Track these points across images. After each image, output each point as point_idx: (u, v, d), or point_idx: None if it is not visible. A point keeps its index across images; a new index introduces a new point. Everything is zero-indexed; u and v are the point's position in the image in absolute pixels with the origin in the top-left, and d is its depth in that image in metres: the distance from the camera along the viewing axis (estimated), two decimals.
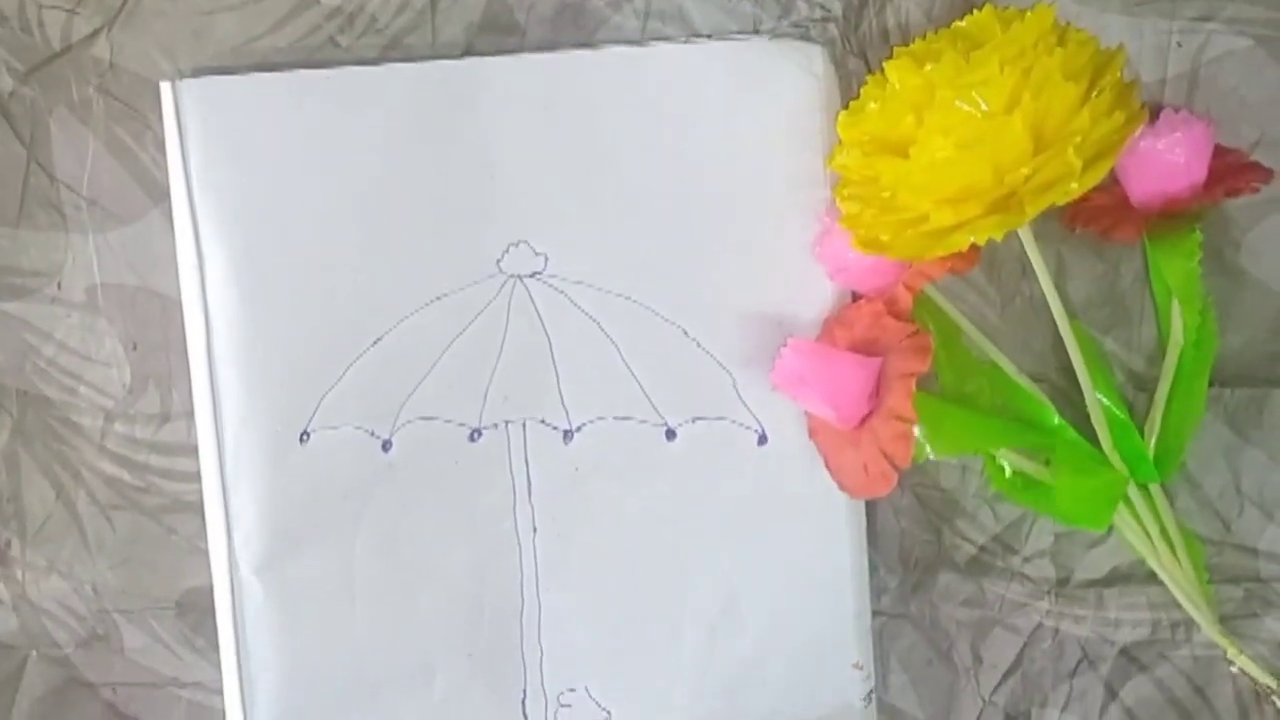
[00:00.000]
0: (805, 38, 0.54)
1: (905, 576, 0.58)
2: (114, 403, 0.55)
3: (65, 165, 0.54)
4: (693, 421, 0.54)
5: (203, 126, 0.52)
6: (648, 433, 0.54)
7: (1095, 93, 0.45)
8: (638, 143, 0.53)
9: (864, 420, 0.50)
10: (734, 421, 0.54)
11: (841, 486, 0.53)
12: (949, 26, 0.50)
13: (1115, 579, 0.58)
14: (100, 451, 0.56)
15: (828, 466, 0.54)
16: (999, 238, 0.44)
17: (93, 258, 0.55)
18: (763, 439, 0.54)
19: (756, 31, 0.54)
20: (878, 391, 0.50)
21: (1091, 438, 0.52)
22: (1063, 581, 0.58)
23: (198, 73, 0.53)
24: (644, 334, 0.54)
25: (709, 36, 0.54)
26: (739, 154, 0.53)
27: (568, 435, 0.54)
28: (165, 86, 0.52)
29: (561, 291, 0.53)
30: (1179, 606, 0.55)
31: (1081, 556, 0.58)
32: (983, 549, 0.57)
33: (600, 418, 0.54)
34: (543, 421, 0.54)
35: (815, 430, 0.54)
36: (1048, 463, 0.52)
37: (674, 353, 0.54)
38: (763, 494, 0.55)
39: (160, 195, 0.54)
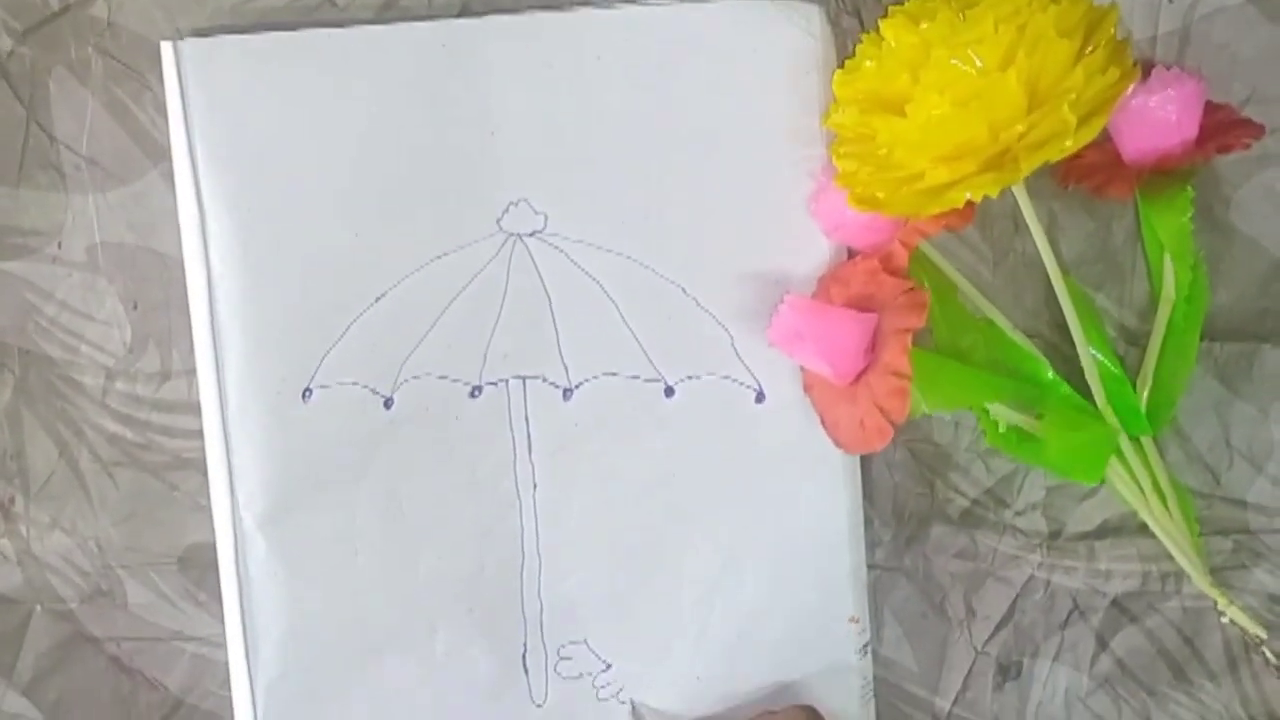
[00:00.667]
0: None
1: (899, 530, 0.58)
2: (115, 361, 0.56)
3: (64, 125, 0.54)
4: (691, 379, 0.55)
5: (205, 86, 0.52)
6: (646, 390, 0.55)
7: (1089, 50, 0.45)
8: (637, 102, 0.53)
9: (860, 376, 0.51)
10: (732, 379, 0.55)
11: (837, 442, 0.54)
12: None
13: (1106, 531, 0.59)
14: (102, 409, 0.56)
15: (823, 422, 0.54)
16: (994, 195, 0.44)
17: (93, 217, 0.55)
18: (760, 396, 0.55)
19: None
20: (873, 347, 0.50)
21: (1084, 392, 0.53)
22: (1054, 534, 0.59)
23: (196, 33, 0.53)
24: (643, 292, 0.54)
25: None
26: (737, 113, 0.54)
27: (567, 393, 0.54)
28: (166, 46, 0.52)
29: (561, 250, 0.54)
30: (1169, 558, 0.56)
31: (1073, 509, 0.59)
32: (975, 503, 0.58)
33: (599, 375, 0.55)
34: (543, 379, 0.54)
35: (811, 386, 0.54)
36: (1040, 417, 0.53)
37: (672, 311, 0.54)
38: (760, 450, 0.55)
39: (159, 155, 0.54)
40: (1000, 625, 0.59)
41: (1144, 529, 0.56)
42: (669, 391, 0.55)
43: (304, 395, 0.53)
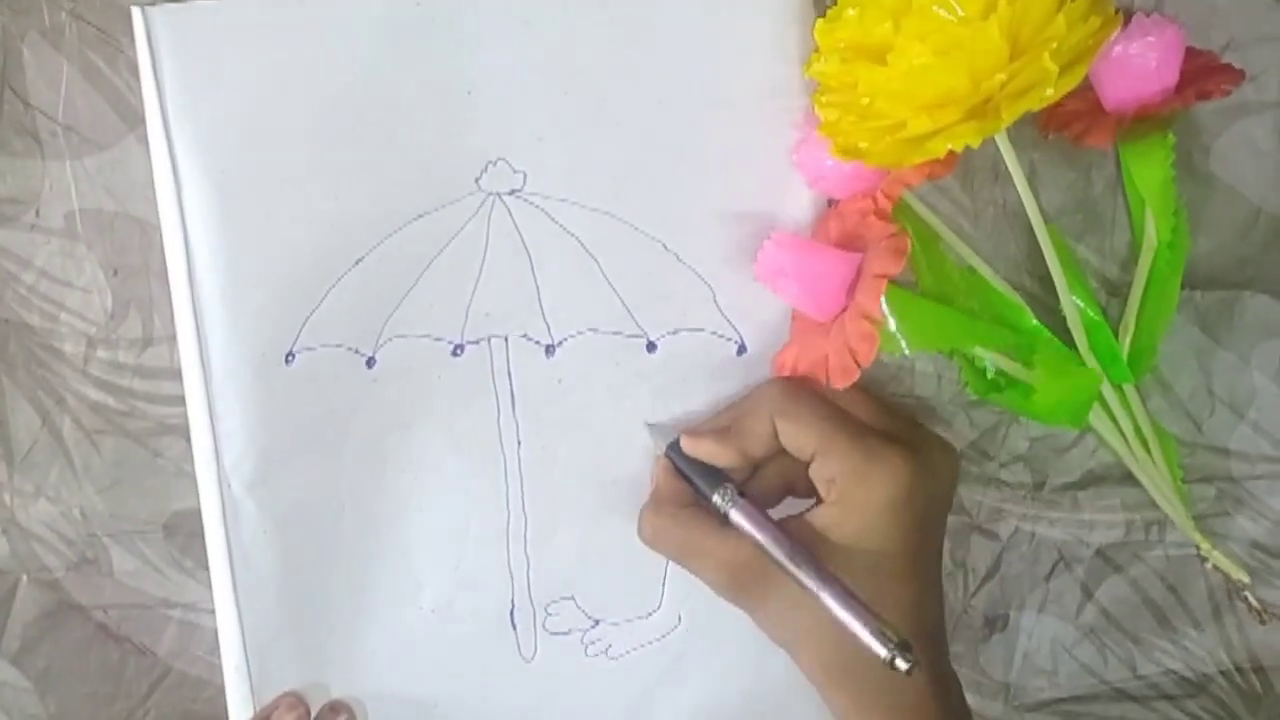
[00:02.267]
0: None
1: None
2: (96, 328, 0.55)
3: (39, 92, 0.54)
4: (673, 333, 0.55)
5: (175, 52, 0.51)
6: (629, 345, 0.55)
7: None
8: (615, 57, 0.53)
9: (838, 315, 0.51)
10: (713, 333, 0.55)
11: (797, 373, 0.54)
12: None
13: (1089, 481, 0.59)
14: (84, 377, 0.56)
15: (796, 351, 0.54)
16: (975, 144, 0.44)
17: (70, 184, 0.54)
18: (742, 348, 0.55)
19: None
20: (854, 289, 0.50)
21: (1067, 340, 0.53)
22: (1038, 486, 0.59)
23: None
24: (623, 248, 0.54)
25: None
26: (716, 66, 0.53)
27: (550, 349, 0.55)
28: (136, 13, 0.51)
29: (540, 208, 0.54)
30: (1152, 507, 0.56)
31: (1056, 461, 0.59)
32: (959, 455, 0.58)
33: (581, 331, 0.55)
34: (525, 336, 0.54)
35: (795, 318, 0.55)
36: (1023, 363, 0.53)
37: (653, 266, 0.54)
38: None
39: (135, 120, 0.54)
40: (986, 578, 0.60)
41: (1127, 479, 0.56)
42: (651, 346, 0.55)
43: (287, 359, 0.53)
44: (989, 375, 0.54)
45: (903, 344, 0.51)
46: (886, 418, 0.53)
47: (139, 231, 0.55)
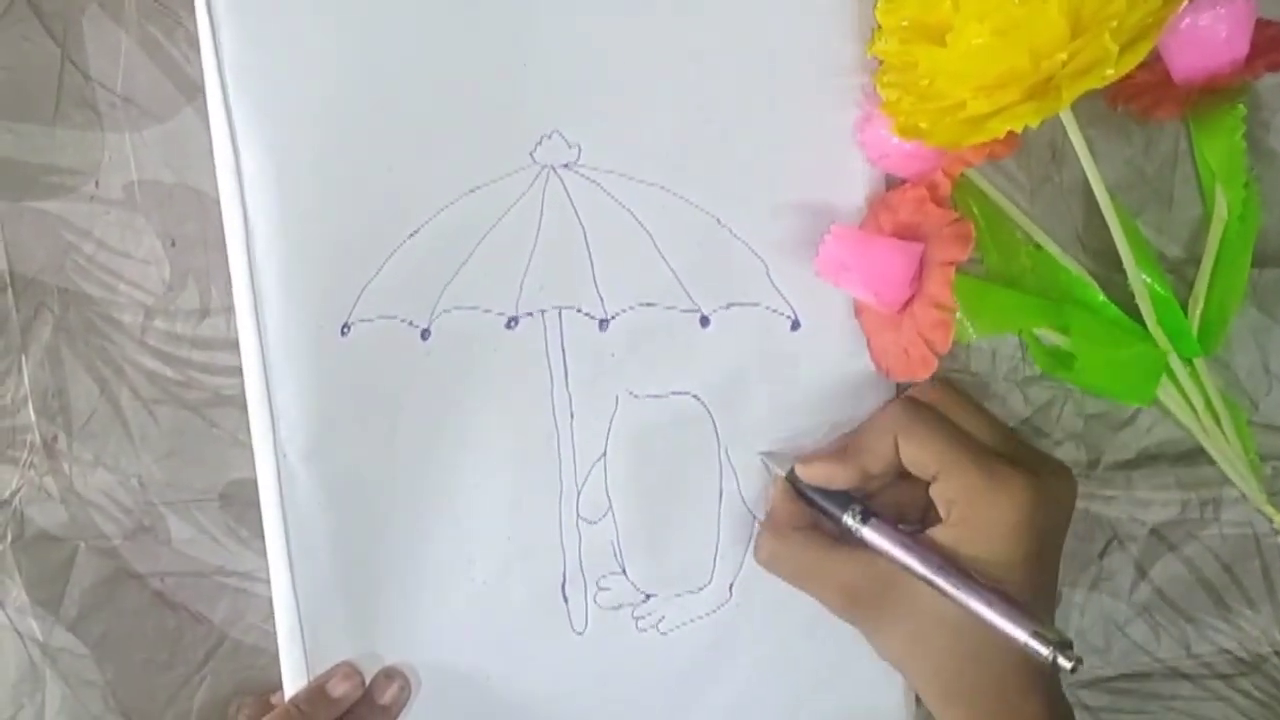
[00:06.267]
0: None
1: None
2: (154, 299, 0.56)
3: (99, 64, 0.54)
4: (727, 308, 0.55)
5: (235, 22, 0.51)
6: (682, 320, 0.55)
7: None
8: (671, 30, 0.53)
9: (906, 305, 0.51)
10: (767, 307, 0.55)
11: (881, 369, 0.54)
12: None
13: (1144, 460, 0.58)
14: (141, 347, 0.56)
15: (870, 348, 0.54)
16: (1036, 125, 0.44)
17: (129, 155, 0.55)
18: (795, 324, 0.55)
19: None
20: (919, 277, 0.50)
21: (1133, 315, 0.52)
22: (1093, 464, 0.59)
23: None
24: (677, 223, 0.54)
25: None
26: (774, 41, 0.53)
27: (603, 323, 0.55)
28: None
29: (595, 182, 0.54)
30: (1208, 485, 0.56)
31: (1111, 438, 0.59)
32: (1014, 432, 0.58)
33: (635, 306, 0.55)
34: (578, 310, 0.54)
35: (860, 310, 0.54)
36: (1089, 340, 0.52)
37: (707, 241, 0.54)
38: (797, 377, 0.55)
39: (194, 92, 0.54)
40: None
41: (1183, 457, 0.56)
42: (705, 321, 0.55)
43: (343, 330, 0.53)
44: (1055, 351, 0.53)
45: (970, 330, 0.51)
46: (1007, 440, 0.53)
47: (197, 203, 0.55)
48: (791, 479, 0.54)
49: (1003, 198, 0.53)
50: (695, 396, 0.55)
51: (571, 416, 0.55)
